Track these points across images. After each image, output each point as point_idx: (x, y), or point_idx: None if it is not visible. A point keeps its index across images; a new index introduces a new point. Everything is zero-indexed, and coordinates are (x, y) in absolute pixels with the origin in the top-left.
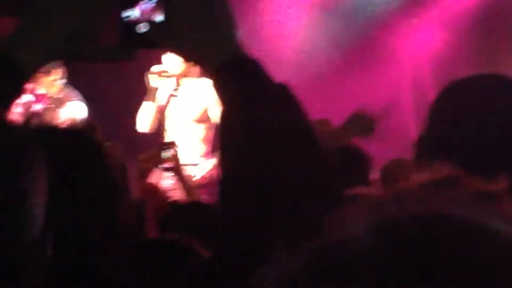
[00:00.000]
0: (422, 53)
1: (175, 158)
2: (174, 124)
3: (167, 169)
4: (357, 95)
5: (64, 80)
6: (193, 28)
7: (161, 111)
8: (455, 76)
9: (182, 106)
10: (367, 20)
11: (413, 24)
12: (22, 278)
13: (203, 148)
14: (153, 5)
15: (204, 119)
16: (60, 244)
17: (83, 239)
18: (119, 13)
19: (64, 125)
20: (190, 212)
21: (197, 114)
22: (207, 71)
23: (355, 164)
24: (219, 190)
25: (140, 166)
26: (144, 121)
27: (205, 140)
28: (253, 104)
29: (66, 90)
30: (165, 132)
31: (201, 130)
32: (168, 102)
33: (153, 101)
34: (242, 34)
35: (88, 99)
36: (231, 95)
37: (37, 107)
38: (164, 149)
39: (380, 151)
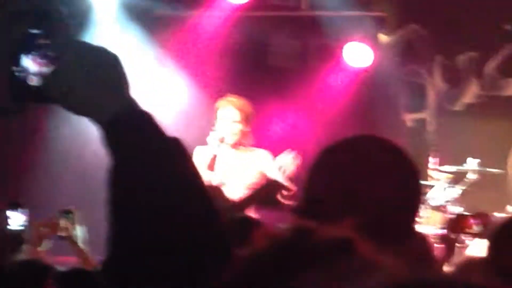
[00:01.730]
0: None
1: (71, 226)
2: (230, 190)
3: (62, 238)
4: None
5: None
6: (83, 82)
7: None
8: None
9: (236, 174)
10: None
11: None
12: None
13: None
14: (45, 59)
15: (256, 187)
16: None
17: None
18: (10, 67)
19: None
20: (72, 280)
21: (250, 181)
22: (97, 125)
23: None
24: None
25: (35, 232)
26: None
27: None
28: (140, 158)
29: None
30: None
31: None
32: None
33: (212, 170)
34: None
35: None
36: (120, 149)
37: None
38: (62, 217)
39: None
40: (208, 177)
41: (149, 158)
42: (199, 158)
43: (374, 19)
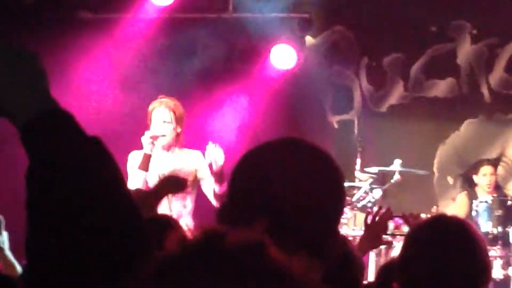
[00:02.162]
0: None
1: None
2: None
3: None
4: None
5: None
6: (1, 83)
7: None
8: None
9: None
10: None
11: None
12: None
13: (188, 220)
14: None
15: (189, 189)
16: None
17: None
18: None
19: None
20: None
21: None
22: (15, 125)
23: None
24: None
25: None
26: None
27: (190, 212)
28: (58, 158)
29: None
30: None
31: (188, 200)
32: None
33: (146, 170)
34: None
35: None
36: (38, 149)
37: None
38: None
39: None
40: (140, 177)
41: (67, 158)
42: (134, 161)
43: (300, 20)
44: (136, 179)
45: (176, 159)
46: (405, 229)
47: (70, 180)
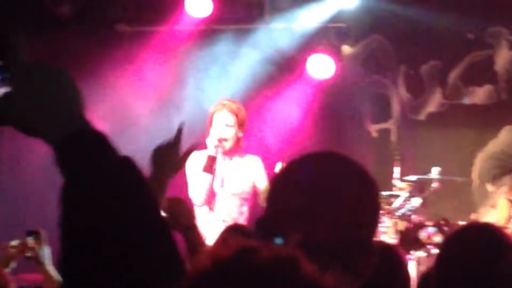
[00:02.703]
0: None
1: (38, 247)
2: (221, 198)
3: (28, 258)
4: None
5: None
6: (35, 103)
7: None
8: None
9: (229, 180)
10: None
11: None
12: None
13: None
14: None
15: (247, 196)
16: None
17: None
18: None
19: None
20: None
21: (241, 190)
22: (49, 145)
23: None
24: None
25: (3, 253)
26: (200, 194)
27: (246, 219)
28: (92, 178)
29: None
30: (212, 204)
31: (244, 208)
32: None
33: (211, 173)
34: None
35: None
36: (71, 169)
37: None
38: (30, 237)
39: None
40: (206, 180)
41: (99, 178)
42: (196, 163)
43: (338, 30)
44: (202, 182)
45: (235, 166)
46: (436, 239)
47: (101, 201)
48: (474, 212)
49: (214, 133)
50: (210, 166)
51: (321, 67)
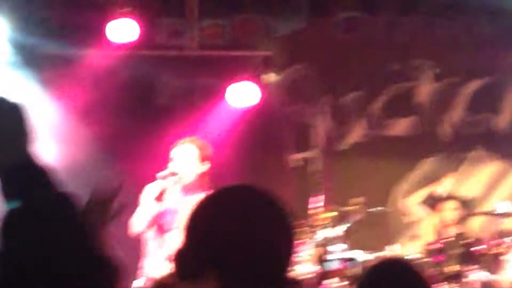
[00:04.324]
0: None
1: None
2: (175, 235)
3: None
4: None
5: None
6: None
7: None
8: None
9: (183, 218)
10: None
11: None
12: None
13: None
14: None
15: None
16: None
17: None
18: None
19: None
20: None
21: None
22: None
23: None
24: None
25: None
26: (141, 220)
27: None
28: (30, 211)
29: None
30: (163, 240)
31: None
32: (170, 209)
33: (160, 201)
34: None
35: None
36: (14, 198)
37: None
38: None
39: None
40: (156, 208)
41: (38, 212)
42: (149, 193)
43: (261, 58)
44: (148, 210)
45: (194, 203)
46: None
47: (39, 230)
48: (395, 242)
49: (172, 167)
50: (160, 195)
51: (244, 94)
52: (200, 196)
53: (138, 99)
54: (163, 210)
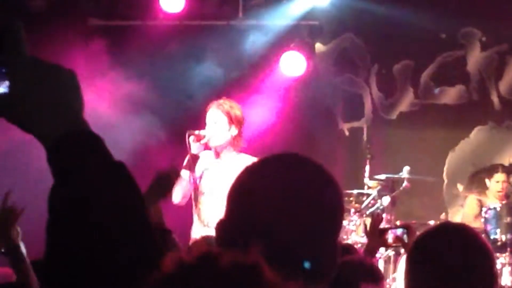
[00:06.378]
0: None
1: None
2: (207, 198)
3: (2, 253)
4: None
5: None
6: (35, 99)
7: (195, 182)
8: None
9: (217, 180)
10: None
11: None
12: None
13: None
14: None
15: None
16: None
17: None
18: None
19: None
20: None
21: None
22: (43, 143)
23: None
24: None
25: None
26: (177, 191)
27: None
28: (82, 181)
29: None
30: (198, 205)
31: None
32: (202, 173)
33: (191, 171)
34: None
35: None
36: (62, 169)
37: None
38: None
39: None
40: (186, 176)
41: (89, 181)
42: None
43: (311, 28)
44: (180, 180)
45: (227, 165)
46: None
47: (93, 203)
48: (444, 211)
49: (203, 132)
50: (188, 163)
51: (294, 64)
52: (232, 158)
53: (188, 70)
54: (198, 175)
